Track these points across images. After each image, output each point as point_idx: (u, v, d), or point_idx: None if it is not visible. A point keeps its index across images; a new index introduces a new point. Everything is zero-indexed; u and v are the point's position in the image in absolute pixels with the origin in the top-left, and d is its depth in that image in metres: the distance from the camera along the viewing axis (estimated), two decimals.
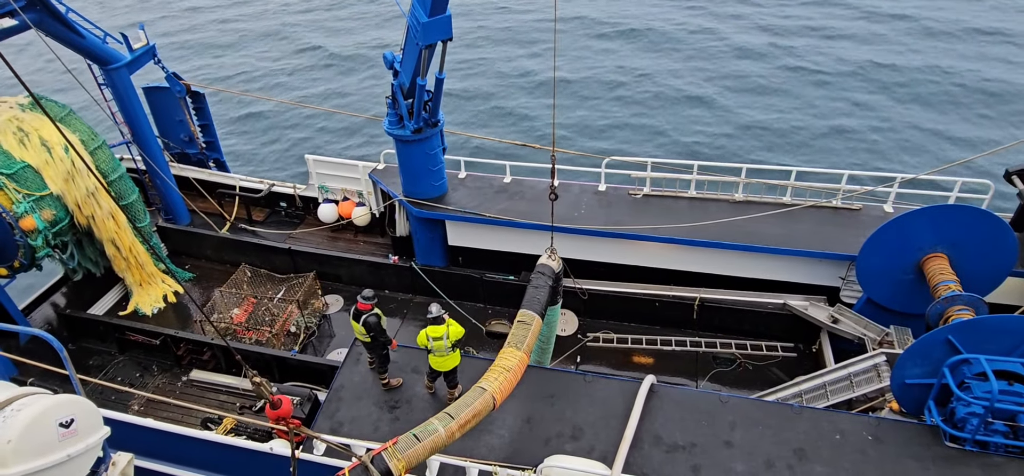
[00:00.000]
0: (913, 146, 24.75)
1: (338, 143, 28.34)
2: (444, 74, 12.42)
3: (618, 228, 13.09)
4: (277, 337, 13.79)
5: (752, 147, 25.44)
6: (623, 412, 9.16)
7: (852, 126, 26.14)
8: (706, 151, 25.15)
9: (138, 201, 15.10)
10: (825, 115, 27.06)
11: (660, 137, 26.68)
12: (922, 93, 28.14)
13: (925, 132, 25.52)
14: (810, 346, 13.11)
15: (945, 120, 26.09)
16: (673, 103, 28.92)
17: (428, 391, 10.05)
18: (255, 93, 31.40)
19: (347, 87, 33.45)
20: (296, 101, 29.68)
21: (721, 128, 26.82)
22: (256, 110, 31.56)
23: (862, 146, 24.94)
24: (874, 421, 8.90)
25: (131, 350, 14.46)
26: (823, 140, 25.49)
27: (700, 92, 29.55)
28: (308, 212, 17.59)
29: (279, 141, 29.01)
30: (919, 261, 11.04)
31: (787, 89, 29.36)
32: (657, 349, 13.53)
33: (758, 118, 27.21)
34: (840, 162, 23.52)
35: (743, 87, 29.77)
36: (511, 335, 9.01)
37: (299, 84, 34.11)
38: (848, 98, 28.13)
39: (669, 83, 30.54)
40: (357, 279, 15.96)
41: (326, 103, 31.33)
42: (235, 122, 30.76)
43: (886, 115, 26.70)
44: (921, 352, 8.74)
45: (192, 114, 17.43)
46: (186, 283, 16.31)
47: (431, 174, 14.07)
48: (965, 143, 24.50)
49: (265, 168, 26.68)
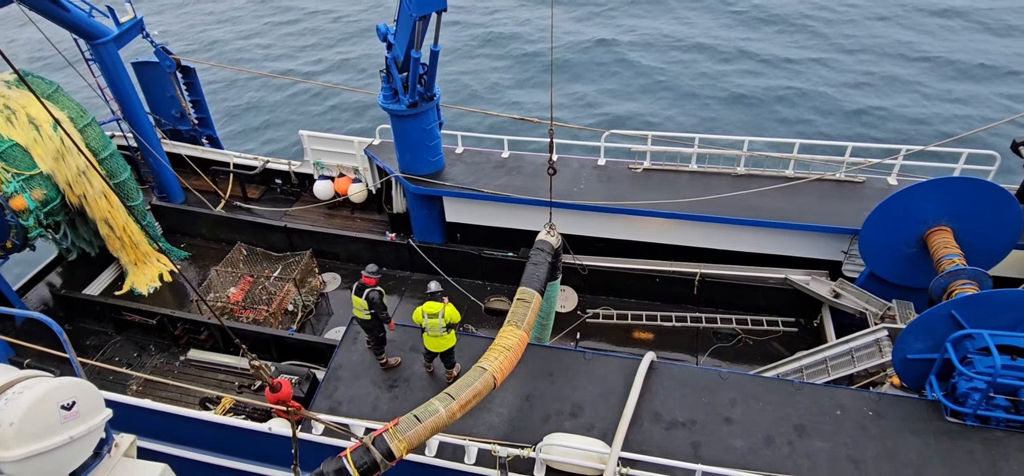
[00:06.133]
0: (918, 117, 24.63)
1: (333, 118, 28.16)
2: (439, 46, 12.28)
3: (618, 203, 13.07)
4: (274, 316, 13.82)
5: (753, 119, 25.31)
6: (623, 389, 9.23)
7: (862, 99, 25.97)
8: (707, 122, 25.03)
9: (130, 179, 15.03)
10: (838, 86, 26.85)
11: (665, 100, 26.50)
12: (932, 61, 27.91)
13: (930, 101, 25.37)
14: (811, 321, 13.19)
15: (951, 90, 25.92)
16: (681, 72, 28.67)
17: (427, 370, 10.12)
18: (248, 68, 31.10)
19: (342, 60, 33.13)
20: (290, 76, 29.44)
21: (722, 100, 26.65)
22: (249, 85, 31.29)
23: (867, 118, 24.81)
24: (875, 396, 8.98)
25: (128, 330, 14.52)
26: (832, 115, 25.34)
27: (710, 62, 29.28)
28: (304, 189, 17.52)
29: (273, 117, 28.82)
30: (923, 234, 11.05)
31: (799, 57, 29.09)
32: (657, 325, 13.59)
33: (757, 86, 27.02)
34: (844, 134, 23.42)
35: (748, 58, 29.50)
36: (511, 313, 9.02)
37: (292, 58, 33.78)
38: (858, 69, 27.90)
39: (678, 52, 30.25)
40: (354, 256, 15.98)
41: (320, 77, 31.07)
42: (228, 98, 30.52)
43: (897, 85, 26.51)
44: (924, 327, 8.79)
45: (183, 90, 17.27)
46: (181, 262, 16.31)
47: (428, 149, 14.01)
48: (974, 115, 24.37)
49: (259, 145, 26.54)
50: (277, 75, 29.19)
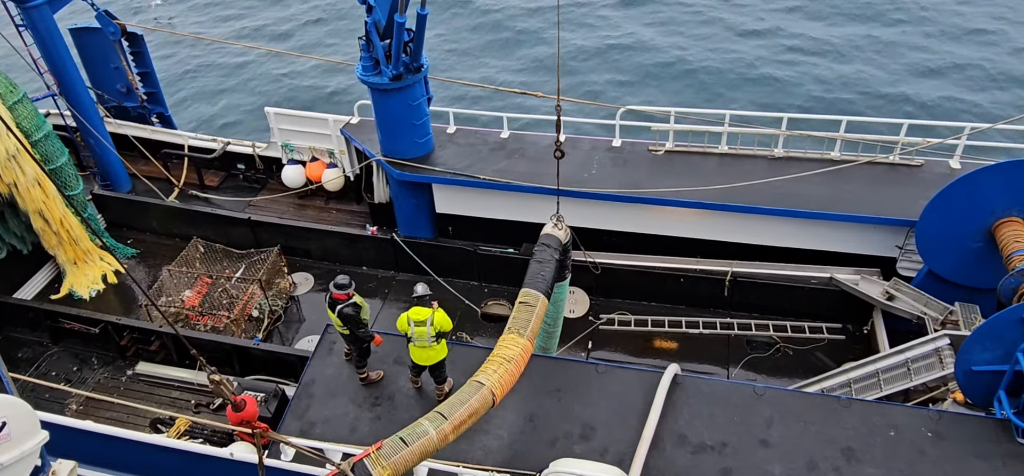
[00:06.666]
0: (986, 93, 24.57)
1: (304, 93, 28.09)
2: (427, 9, 12.24)
3: (636, 191, 13.03)
4: (237, 323, 13.83)
5: (797, 96, 25.28)
6: (642, 407, 9.21)
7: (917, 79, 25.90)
8: (740, 98, 25.00)
9: (68, 165, 14.99)
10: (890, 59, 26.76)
11: (685, 79, 26.47)
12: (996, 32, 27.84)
13: (995, 76, 25.31)
14: (861, 327, 13.18)
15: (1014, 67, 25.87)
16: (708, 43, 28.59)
17: (413, 386, 10.11)
18: (204, 35, 31.02)
19: (313, 26, 33.02)
20: (255, 44, 29.37)
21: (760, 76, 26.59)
22: (206, 54, 31.19)
23: (926, 95, 24.76)
24: (935, 415, 8.98)
25: (66, 340, 14.49)
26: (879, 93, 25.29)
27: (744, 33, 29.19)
28: (270, 176, 17.49)
29: (234, 91, 28.74)
30: (990, 226, 11.02)
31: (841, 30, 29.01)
32: (682, 332, 13.58)
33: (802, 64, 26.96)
34: (898, 110, 23.37)
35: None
36: (512, 319, 9.03)
37: (257, 23, 33.68)
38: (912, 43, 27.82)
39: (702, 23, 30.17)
40: (329, 254, 15.97)
41: (288, 45, 30.98)
42: (181, 69, 30.44)
43: (954, 59, 26.44)
44: (991, 334, 8.76)
45: (129, 60, 17.19)
46: (128, 261, 16.28)
47: (414, 129, 13.97)
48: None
49: (218, 124, 26.49)
50: (242, 43, 29.12)
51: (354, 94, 24.78)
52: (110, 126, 17.30)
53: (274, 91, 28.39)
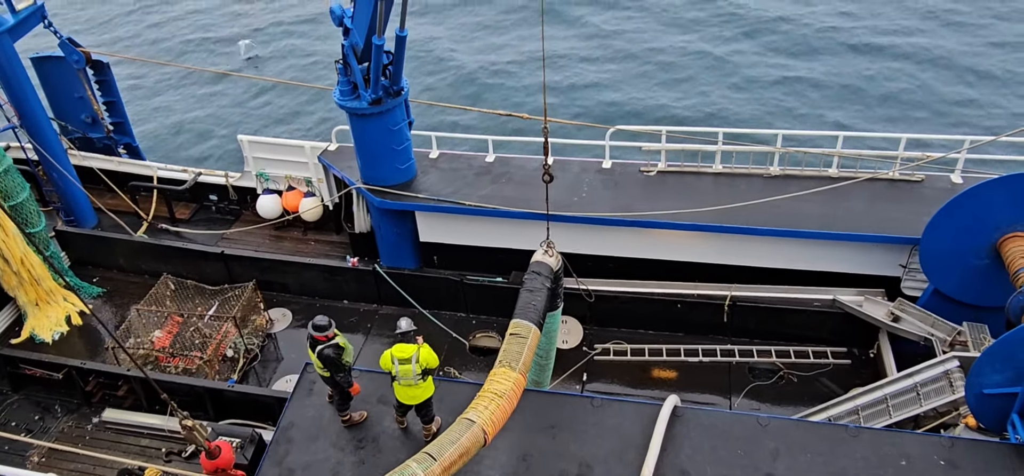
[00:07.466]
0: (983, 104, 24.96)
1: (279, 120, 28.10)
2: (406, 31, 12.31)
3: (628, 214, 13.05)
4: (210, 364, 13.69)
5: (789, 109, 25.57)
6: (641, 442, 9.12)
7: (907, 83, 26.32)
8: (733, 115, 25.23)
9: (29, 200, 14.87)
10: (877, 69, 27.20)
11: (676, 97, 26.72)
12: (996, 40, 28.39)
13: (996, 84, 25.75)
14: (867, 350, 13.20)
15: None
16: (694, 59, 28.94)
17: (399, 426, 9.98)
18: (174, 62, 31.03)
19: (289, 50, 33.13)
20: (228, 71, 29.40)
21: (751, 89, 26.91)
22: (176, 82, 31.16)
23: (924, 104, 25.12)
24: (947, 442, 8.93)
25: (27, 387, 14.34)
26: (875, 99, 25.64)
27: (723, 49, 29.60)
28: (244, 207, 17.45)
29: (206, 119, 28.70)
30: (995, 242, 11.09)
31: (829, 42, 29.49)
32: (680, 361, 13.55)
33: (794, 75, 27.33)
34: (897, 124, 23.68)
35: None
36: (502, 351, 8.93)
37: (230, 50, 33.73)
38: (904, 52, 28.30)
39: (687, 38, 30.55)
40: (308, 287, 15.87)
41: (263, 71, 31.02)
42: (149, 98, 30.38)
43: (954, 69, 26.89)
44: (1002, 354, 8.76)
45: (95, 89, 17.19)
46: (94, 301, 16.09)
47: (395, 155, 13.96)
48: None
49: (189, 154, 26.42)
50: (214, 70, 29.11)
51: (332, 119, 24.79)
52: (74, 158, 17.23)
53: (248, 117, 28.39)
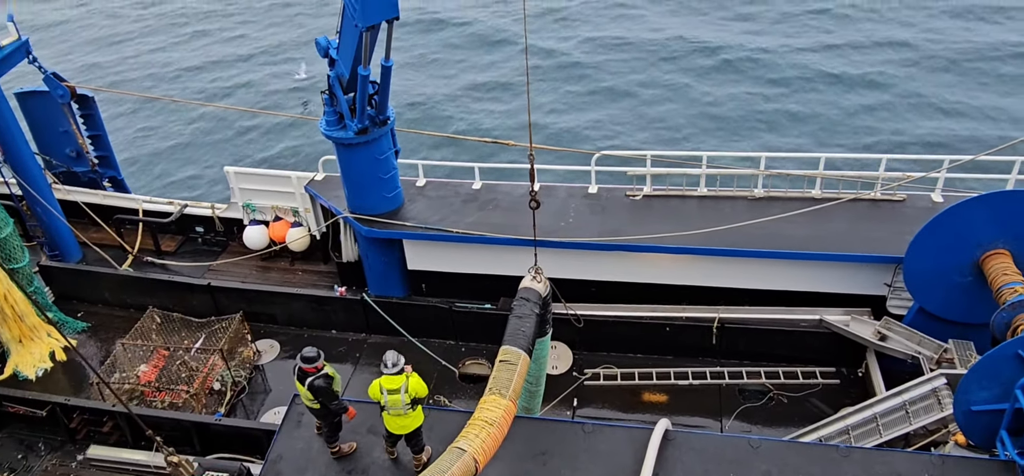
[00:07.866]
0: (963, 123, 25.37)
1: (265, 151, 28.10)
2: (392, 61, 12.41)
3: (615, 239, 13.11)
4: (197, 398, 13.56)
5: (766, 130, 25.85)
6: (632, 467, 9.08)
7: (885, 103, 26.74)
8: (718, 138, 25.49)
9: (13, 235, 14.73)
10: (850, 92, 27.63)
11: (658, 123, 26.99)
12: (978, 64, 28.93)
13: (977, 107, 26.19)
14: (855, 370, 13.24)
15: (1004, 93, 26.83)
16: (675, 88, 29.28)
17: (389, 457, 9.88)
18: (159, 95, 31.01)
19: (273, 81, 33.22)
20: (214, 103, 29.41)
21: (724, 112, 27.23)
22: (161, 115, 31.14)
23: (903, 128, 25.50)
24: (937, 460, 8.93)
25: (10, 425, 14.12)
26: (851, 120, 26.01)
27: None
28: (231, 238, 17.39)
29: (191, 152, 28.65)
30: (978, 260, 11.20)
31: (806, 66, 29.94)
32: (670, 384, 13.53)
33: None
34: (877, 145, 23.99)
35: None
36: (492, 378, 8.90)
37: (215, 81, 33.78)
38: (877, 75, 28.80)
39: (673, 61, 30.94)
40: (296, 318, 15.77)
41: (248, 102, 31.05)
42: (135, 131, 30.32)
43: (929, 90, 27.36)
44: (987, 371, 8.81)
45: (79, 123, 17.15)
46: (78, 336, 15.92)
47: (382, 183, 13.98)
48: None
49: (175, 186, 26.34)
50: (201, 103, 29.11)
51: (318, 150, 24.82)
52: (58, 192, 17.17)
53: (234, 149, 28.38)
